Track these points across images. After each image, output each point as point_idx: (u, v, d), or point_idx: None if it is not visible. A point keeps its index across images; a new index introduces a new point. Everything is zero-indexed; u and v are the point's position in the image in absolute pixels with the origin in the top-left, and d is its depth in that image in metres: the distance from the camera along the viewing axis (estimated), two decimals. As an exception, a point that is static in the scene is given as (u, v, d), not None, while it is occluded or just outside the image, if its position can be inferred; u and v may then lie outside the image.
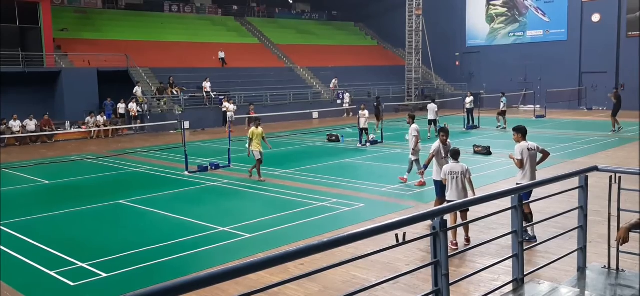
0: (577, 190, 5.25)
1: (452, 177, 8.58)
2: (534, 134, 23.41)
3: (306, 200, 12.14)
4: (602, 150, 18.44)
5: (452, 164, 8.72)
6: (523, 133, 9.03)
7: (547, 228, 5.43)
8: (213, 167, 16.52)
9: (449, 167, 8.71)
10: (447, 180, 8.65)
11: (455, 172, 8.58)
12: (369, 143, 21.27)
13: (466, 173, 8.56)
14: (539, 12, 38.98)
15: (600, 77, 35.36)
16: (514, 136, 9.14)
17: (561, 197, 5.38)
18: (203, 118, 30.04)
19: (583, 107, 35.75)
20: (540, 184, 4.96)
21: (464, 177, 8.54)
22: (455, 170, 8.60)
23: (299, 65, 40.15)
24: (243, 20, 44.68)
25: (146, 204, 12.20)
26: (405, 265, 7.42)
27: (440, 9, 42.11)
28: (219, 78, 33.62)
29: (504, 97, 26.81)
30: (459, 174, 8.54)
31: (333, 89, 37.50)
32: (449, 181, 8.62)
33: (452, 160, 8.78)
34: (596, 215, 5.92)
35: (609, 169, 5.11)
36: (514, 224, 4.72)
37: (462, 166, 8.64)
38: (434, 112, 23.55)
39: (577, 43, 36.57)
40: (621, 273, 5.18)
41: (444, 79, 43.02)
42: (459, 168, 8.60)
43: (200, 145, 23.04)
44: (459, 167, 8.61)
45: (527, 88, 37.23)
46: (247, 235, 9.56)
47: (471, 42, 42.64)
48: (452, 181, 8.57)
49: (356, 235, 3.35)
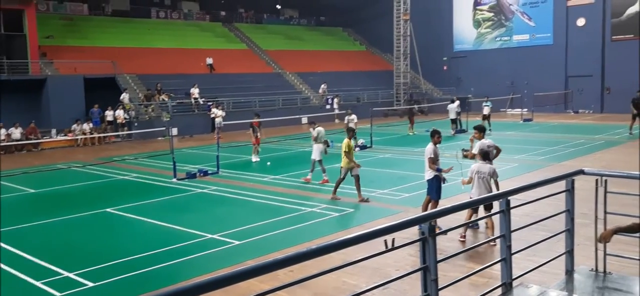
0: (564, 193, 5.29)
1: (479, 177, 8.78)
2: (521, 138, 23.66)
3: (296, 206, 12.11)
4: (589, 153, 18.61)
5: (480, 164, 8.90)
6: (483, 132, 10.23)
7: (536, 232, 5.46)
8: (201, 174, 16.44)
9: (477, 166, 8.90)
10: (474, 179, 8.84)
11: (482, 172, 8.77)
12: (358, 148, 21.28)
13: (493, 175, 8.75)
14: (524, 16, 39.36)
15: (586, 81, 35.74)
16: (475, 134, 10.21)
17: (549, 200, 5.42)
18: (191, 125, 29.91)
19: (569, 110, 36.09)
20: (528, 188, 4.99)
21: (490, 178, 8.72)
22: (482, 170, 8.78)
23: (288, 71, 40.15)
24: (231, 26, 44.62)
25: (134, 212, 12.10)
26: (395, 270, 7.43)
27: (428, 14, 42.36)
28: (207, 84, 33.52)
29: (488, 101, 27.03)
30: (485, 174, 8.73)
31: (322, 94, 37.54)
32: (475, 180, 8.83)
33: (481, 160, 8.92)
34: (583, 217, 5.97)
35: (595, 172, 5.15)
36: (502, 228, 4.74)
37: (490, 167, 8.83)
38: (455, 112, 24.13)
39: (562, 47, 36.96)
40: (608, 275, 5.22)
41: (432, 84, 43.24)
42: (487, 168, 8.79)
43: (188, 151, 22.93)
44: (487, 168, 8.80)
45: (514, 92, 37.54)
46: (236, 242, 9.52)
47: (458, 47, 42.93)
48: (479, 180, 8.77)
49: (346, 241, 3.34)
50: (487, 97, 27.95)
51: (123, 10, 40.38)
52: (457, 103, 26.46)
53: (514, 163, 16.59)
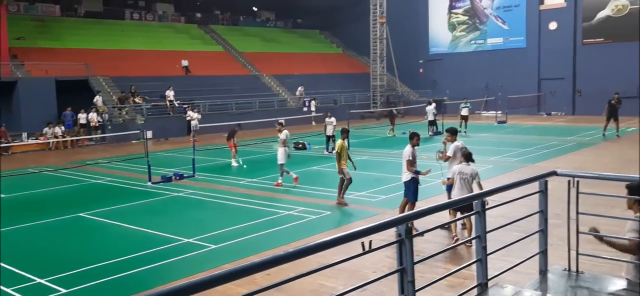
0: (538, 194, 5.37)
1: (461, 178, 8.86)
2: (495, 139, 23.99)
3: (273, 209, 12.07)
4: (561, 155, 18.97)
5: (463, 165, 8.98)
6: (455, 134, 10.40)
7: (510, 232, 5.53)
8: (177, 177, 16.27)
9: (459, 168, 8.99)
10: (456, 180, 8.92)
11: (464, 173, 8.85)
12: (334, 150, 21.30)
13: (475, 176, 8.83)
14: (498, 20, 39.97)
15: (558, 84, 36.45)
16: (448, 136, 10.42)
17: (523, 200, 5.50)
18: (166, 128, 29.58)
19: (542, 112, 36.74)
20: (503, 189, 5.05)
21: (472, 179, 8.80)
22: (465, 172, 8.87)
23: (265, 73, 40.03)
24: (207, 28, 44.30)
25: (108, 216, 11.90)
26: (372, 272, 7.45)
27: (404, 17, 42.70)
28: (182, 86, 33.20)
29: (467, 102, 27.40)
30: (468, 176, 8.82)
31: (299, 97, 37.52)
32: (456, 181, 8.91)
33: (465, 162, 9.01)
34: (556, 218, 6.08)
35: (568, 173, 5.24)
36: (478, 229, 4.79)
37: (473, 169, 8.91)
38: (433, 114, 24.44)
39: (535, 50, 37.62)
40: (581, 274, 5.31)
41: (408, 86, 43.57)
42: (469, 170, 8.87)
43: (163, 155, 22.67)
44: (469, 170, 8.88)
45: (488, 94, 38.05)
46: (212, 246, 9.44)
47: (434, 50, 43.36)
48: (461, 181, 8.84)
49: (323, 244, 3.33)
50: (465, 99, 28.34)
51: (96, 12, 39.76)
52: (434, 105, 26.77)
53: (489, 165, 16.81)
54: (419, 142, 10.11)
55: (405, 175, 9.96)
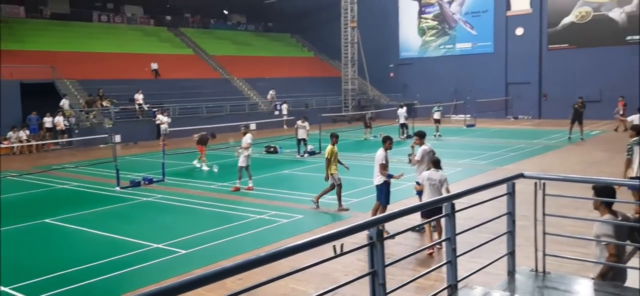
0: (506, 196, 5.46)
1: (430, 184, 8.89)
2: (464, 143, 24.34)
3: (244, 213, 11.99)
4: (528, 157, 19.37)
5: (432, 171, 9.01)
6: (423, 137, 10.39)
7: (479, 234, 5.61)
8: (146, 182, 16.02)
9: (428, 174, 9.01)
10: (425, 185, 8.95)
11: (433, 179, 8.88)
12: (307, 154, 21.34)
13: (444, 182, 8.86)
14: (467, 25, 40.64)
15: (525, 88, 37.25)
16: (416, 140, 10.41)
17: (491, 202, 5.58)
18: (135, 132, 29.11)
19: (510, 116, 37.47)
20: (472, 191, 5.12)
21: (440, 185, 8.83)
22: (433, 178, 8.89)
23: (235, 77, 39.80)
24: (176, 31, 43.82)
25: (74, 222, 11.64)
26: (344, 275, 7.46)
27: (375, 21, 43.03)
28: (152, 90, 32.74)
29: (439, 106, 27.81)
30: (436, 181, 8.84)
31: (270, 100, 37.41)
32: (426, 187, 8.94)
33: (433, 168, 9.03)
34: (524, 219, 6.19)
35: (534, 176, 5.35)
36: (448, 231, 4.84)
37: (441, 174, 8.95)
38: (404, 117, 25.50)
39: (502, 55, 38.38)
40: (547, 275, 5.42)
41: (379, 90, 43.90)
42: (438, 176, 8.90)
43: (132, 159, 22.30)
44: (438, 175, 8.91)
45: (457, 98, 38.62)
46: (182, 251, 9.32)
47: (404, 54, 43.81)
48: (430, 187, 8.87)
49: (295, 248, 3.32)
50: (437, 103, 28.73)
51: (62, 14, 38.91)
52: (405, 109, 27.08)
53: (458, 168, 17.04)
54: (391, 146, 10.21)
55: (378, 178, 10.02)
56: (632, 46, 33.41)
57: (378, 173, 10.00)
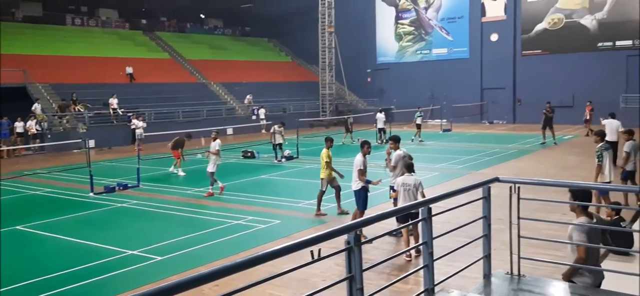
0: (482, 200, 5.52)
1: (404, 189, 8.82)
2: (441, 147, 24.58)
3: (221, 219, 11.89)
4: (503, 162, 19.63)
5: (406, 177, 8.94)
6: (398, 142, 10.37)
7: (456, 238, 5.66)
8: (121, 187, 15.79)
9: (402, 179, 8.94)
10: (400, 191, 8.88)
11: (408, 184, 8.80)
12: (284, 158, 21.30)
13: (418, 187, 8.78)
14: (443, 31, 41.10)
15: (500, 93, 37.81)
16: (391, 144, 10.38)
17: (467, 207, 5.63)
18: (110, 137, 28.69)
19: (485, 120, 37.97)
20: (448, 196, 5.16)
21: (415, 190, 8.76)
22: (408, 183, 8.82)
23: (212, 81, 39.55)
24: (152, 34, 43.37)
25: (47, 229, 11.39)
26: (321, 280, 7.44)
27: (352, 27, 43.24)
28: (127, 94, 32.32)
29: (421, 111, 28.13)
30: (411, 186, 8.77)
31: (248, 105, 37.26)
32: (401, 192, 8.86)
33: (407, 173, 8.98)
34: (499, 223, 6.26)
35: (509, 180, 5.41)
36: (425, 235, 4.86)
37: (415, 179, 8.87)
38: (382, 121, 25.73)
39: (478, 61, 38.90)
40: (522, 278, 5.49)
41: (356, 95, 44.08)
42: (412, 181, 8.82)
43: (106, 164, 21.96)
44: (412, 180, 8.83)
45: (434, 103, 39.01)
46: (158, 257, 9.19)
47: (381, 59, 44.10)
48: (404, 193, 8.79)
49: (272, 253, 3.29)
50: (419, 108, 29.03)
51: (35, 16, 38.18)
52: (383, 114, 27.31)
53: (435, 172, 17.19)
54: (369, 151, 10.23)
55: (356, 183, 10.01)
56: (603, 52, 34.24)
57: (356, 179, 9.98)
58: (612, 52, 33.97)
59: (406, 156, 10.11)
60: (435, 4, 41.37)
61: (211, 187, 14.64)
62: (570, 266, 5.28)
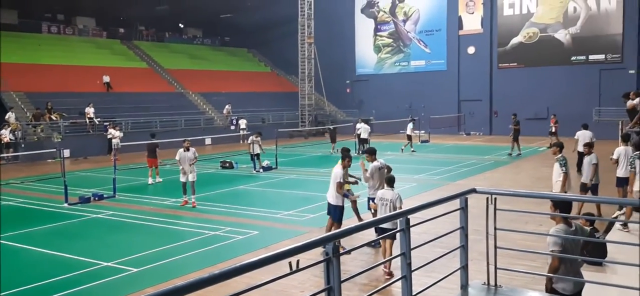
0: (459, 211, 5.57)
1: (382, 203, 8.61)
2: (419, 158, 24.76)
3: (198, 230, 11.77)
4: (480, 173, 19.85)
5: (385, 190, 8.76)
6: (374, 154, 10.24)
7: (433, 249, 5.70)
8: (96, 198, 15.53)
9: (381, 193, 8.74)
10: (378, 205, 8.69)
11: (386, 199, 8.60)
12: (262, 169, 21.22)
13: (396, 201, 8.61)
14: (421, 43, 41.56)
15: (476, 105, 38.32)
16: (367, 157, 10.24)
17: (445, 217, 5.68)
18: (86, 146, 28.24)
19: (462, 132, 38.40)
20: (426, 206, 5.20)
21: (392, 206, 8.56)
22: (386, 197, 8.62)
23: (191, 91, 39.28)
24: (130, 43, 42.95)
25: (20, 241, 11.13)
26: (300, 292, 7.41)
27: (331, 38, 43.45)
28: (104, 103, 31.91)
29: (412, 121, 28.43)
30: (389, 201, 8.57)
31: (226, 115, 37.09)
32: (379, 206, 8.66)
33: (387, 187, 8.83)
34: (476, 233, 6.32)
35: (486, 191, 5.48)
36: (403, 246, 4.88)
37: (394, 194, 8.67)
38: (367, 132, 26.11)
39: (455, 73, 39.40)
40: (499, 288, 5.55)
41: (335, 105, 44.21)
42: (390, 195, 8.61)
43: (82, 174, 21.60)
44: (390, 195, 8.62)
45: (412, 114, 39.32)
46: (133, 269, 9.05)
47: (361, 71, 44.36)
48: (383, 207, 8.59)
49: (250, 265, 3.27)
50: (410, 117, 29.28)
51: (10, 24, 37.44)
52: (366, 124, 27.48)
53: (413, 183, 17.29)
54: (350, 163, 10.09)
55: (334, 197, 9.76)
56: (576, 66, 35.00)
57: (334, 192, 9.76)
58: (585, 66, 34.76)
59: (384, 167, 10.04)
60: (413, 16, 41.84)
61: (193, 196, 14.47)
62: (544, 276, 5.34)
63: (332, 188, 9.80)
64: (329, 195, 9.91)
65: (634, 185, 10.20)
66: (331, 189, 9.84)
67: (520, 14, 37.01)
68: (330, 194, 9.86)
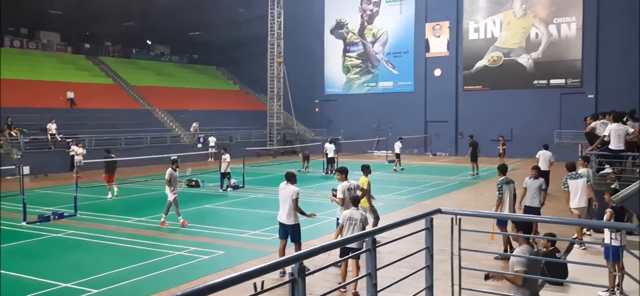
0: (424, 231, 5.60)
1: (350, 224, 8.51)
2: (386, 178, 24.93)
3: (162, 250, 11.53)
4: (445, 193, 20.11)
5: (352, 210, 8.67)
6: (345, 174, 10.12)
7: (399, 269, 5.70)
8: (56, 216, 15.07)
9: (349, 213, 8.63)
10: (345, 225, 8.57)
11: (354, 219, 8.52)
12: (230, 188, 21.00)
13: (365, 221, 8.56)
14: (389, 65, 42.14)
15: (443, 126, 38.96)
16: (337, 176, 10.17)
17: (411, 237, 5.71)
18: (47, 163, 27.45)
19: (428, 152, 38.92)
20: (392, 227, 5.22)
21: (362, 226, 8.48)
22: (354, 217, 8.53)
23: (157, 108, 38.76)
24: (96, 59, 42.23)
25: (-27, 261, 10.68)
26: (265, 312, 7.31)
27: (301, 57, 43.66)
28: (67, 119, 31.17)
29: (400, 140, 28.74)
30: (357, 221, 8.49)
31: (193, 133, 36.69)
32: (346, 227, 8.54)
33: (354, 207, 8.76)
34: (441, 253, 6.36)
35: (451, 211, 5.53)
36: (369, 266, 4.87)
37: (362, 214, 8.64)
38: (333, 151, 26.32)
39: (422, 94, 40.03)
40: (464, 308, 5.58)
41: (304, 125, 44.29)
42: (358, 215, 8.55)
43: (42, 192, 20.96)
44: (358, 214, 8.56)
45: (380, 134, 39.70)
46: (93, 290, 8.78)
47: (329, 90, 44.63)
48: (351, 227, 8.48)
49: (214, 286, 3.20)
50: (399, 137, 29.63)
51: (-30, 37, 36.50)
52: (333, 143, 27.58)
53: (380, 203, 17.32)
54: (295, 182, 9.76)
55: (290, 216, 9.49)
56: (538, 90, 36.04)
57: (291, 211, 9.51)
58: (546, 90, 35.81)
59: (353, 188, 9.97)
60: (381, 38, 42.45)
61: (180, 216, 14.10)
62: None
63: (288, 207, 9.50)
64: (285, 216, 9.57)
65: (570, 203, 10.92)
66: (287, 209, 9.53)
67: (484, 38, 37.98)
68: (287, 214, 9.55)
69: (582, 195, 10.79)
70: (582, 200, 10.79)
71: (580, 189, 10.80)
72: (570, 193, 10.91)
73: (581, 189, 10.80)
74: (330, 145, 27.29)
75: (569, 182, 10.97)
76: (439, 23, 39.46)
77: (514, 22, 37.05)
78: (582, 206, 10.80)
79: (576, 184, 10.86)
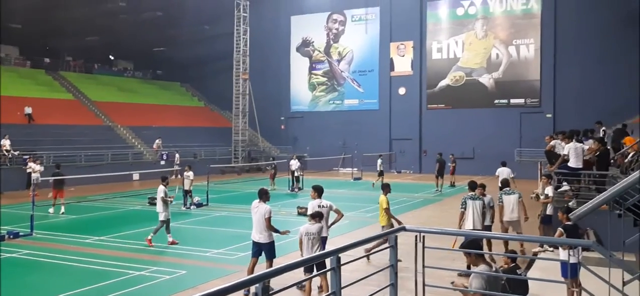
0: (389, 249, 5.61)
1: (308, 238, 8.47)
2: (351, 195, 25.00)
3: (122, 270, 11.21)
4: (410, 210, 20.26)
5: (308, 225, 8.64)
6: (319, 192, 10.11)
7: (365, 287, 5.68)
8: (11, 236, 14.50)
9: (305, 228, 8.58)
10: (303, 241, 8.53)
11: (311, 233, 8.49)
12: (194, 205, 20.66)
13: (322, 230, 8.60)
14: (354, 83, 42.53)
15: (407, 144, 39.44)
16: (311, 193, 10.16)
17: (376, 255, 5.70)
18: (1, 181, 26.46)
19: (393, 170, 39.25)
20: (357, 244, 5.20)
21: (319, 237, 8.48)
22: (311, 231, 8.50)
23: (120, 124, 38.01)
24: (56, 74, 41.22)
25: None
26: (228, 333, 7.16)
27: (267, 74, 43.63)
28: (24, 135, 30.21)
29: (380, 158, 28.91)
30: (315, 234, 8.48)
31: (156, 150, 36.07)
32: (304, 242, 8.51)
33: (311, 221, 8.71)
34: (406, 271, 6.38)
35: (415, 229, 5.56)
36: (333, 285, 4.84)
37: (318, 226, 8.61)
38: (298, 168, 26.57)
39: (387, 112, 40.49)
40: (428, 326, 5.59)
41: (269, 142, 44.14)
42: (315, 228, 8.53)
43: (-4, 210, 20.17)
44: (315, 228, 8.54)
45: (345, 152, 39.87)
46: (49, 313, 8.45)
47: (295, 108, 44.68)
48: (308, 242, 8.45)
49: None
50: (380, 155, 29.77)
51: None
52: (298, 160, 27.58)
53: (345, 221, 17.25)
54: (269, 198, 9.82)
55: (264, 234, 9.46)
56: (499, 108, 36.95)
57: (264, 229, 9.47)
58: (507, 109, 36.73)
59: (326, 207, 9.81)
60: (347, 57, 42.86)
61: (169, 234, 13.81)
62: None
63: (262, 225, 9.48)
64: (259, 234, 9.53)
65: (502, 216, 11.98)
66: (260, 227, 9.50)
67: (447, 58, 38.79)
68: (260, 232, 9.52)
69: (514, 209, 11.88)
70: (513, 214, 11.88)
71: (513, 204, 11.90)
72: (504, 207, 11.95)
73: (513, 204, 11.89)
74: (295, 161, 27.31)
75: (503, 197, 12.03)
76: (403, 43, 40.13)
77: (476, 43, 37.99)
78: (514, 219, 11.91)
79: (510, 199, 11.96)
